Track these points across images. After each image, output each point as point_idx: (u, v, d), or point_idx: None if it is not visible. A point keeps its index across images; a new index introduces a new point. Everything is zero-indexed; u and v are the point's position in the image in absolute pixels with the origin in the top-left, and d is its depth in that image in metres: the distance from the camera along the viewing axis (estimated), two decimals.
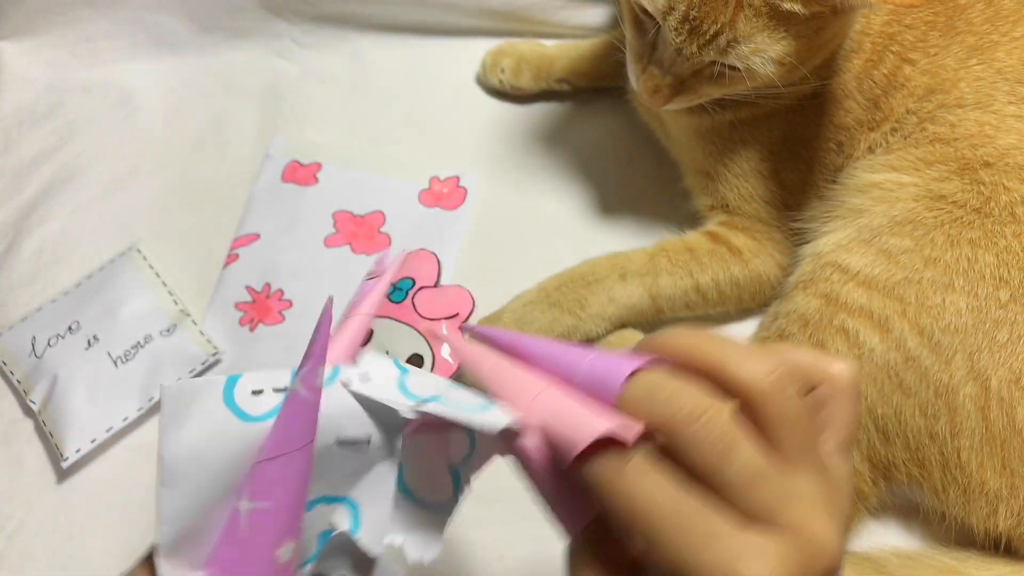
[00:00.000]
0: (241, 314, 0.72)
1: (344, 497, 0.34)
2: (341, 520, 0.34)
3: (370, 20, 0.88)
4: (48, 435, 0.66)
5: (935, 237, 0.59)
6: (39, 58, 0.85)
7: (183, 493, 0.31)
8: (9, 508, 0.65)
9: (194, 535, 0.32)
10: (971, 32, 0.64)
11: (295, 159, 0.81)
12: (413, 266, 0.74)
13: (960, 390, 0.57)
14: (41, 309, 0.72)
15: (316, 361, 0.31)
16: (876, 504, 0.61)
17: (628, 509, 0.29)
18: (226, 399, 0.32)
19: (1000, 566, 0.59)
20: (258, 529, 0.31)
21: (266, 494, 0.31)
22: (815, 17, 0.55)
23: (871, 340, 0.59)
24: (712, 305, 0.71)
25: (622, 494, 0.29)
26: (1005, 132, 0.61)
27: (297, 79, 0.87)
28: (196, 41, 0.87)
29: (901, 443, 0.59)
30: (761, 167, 0.69)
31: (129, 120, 0.84)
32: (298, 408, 0.31)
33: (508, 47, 0.85)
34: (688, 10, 0.56)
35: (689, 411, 0.28)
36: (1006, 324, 0.57)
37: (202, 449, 0.31)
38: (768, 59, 0.57)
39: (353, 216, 0.77)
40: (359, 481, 0.34)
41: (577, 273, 0.71)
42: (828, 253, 0.63)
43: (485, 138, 0.84)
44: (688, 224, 0.75)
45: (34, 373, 0.68)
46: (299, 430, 0.31)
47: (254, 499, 0.31)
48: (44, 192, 0.79)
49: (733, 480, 0.28)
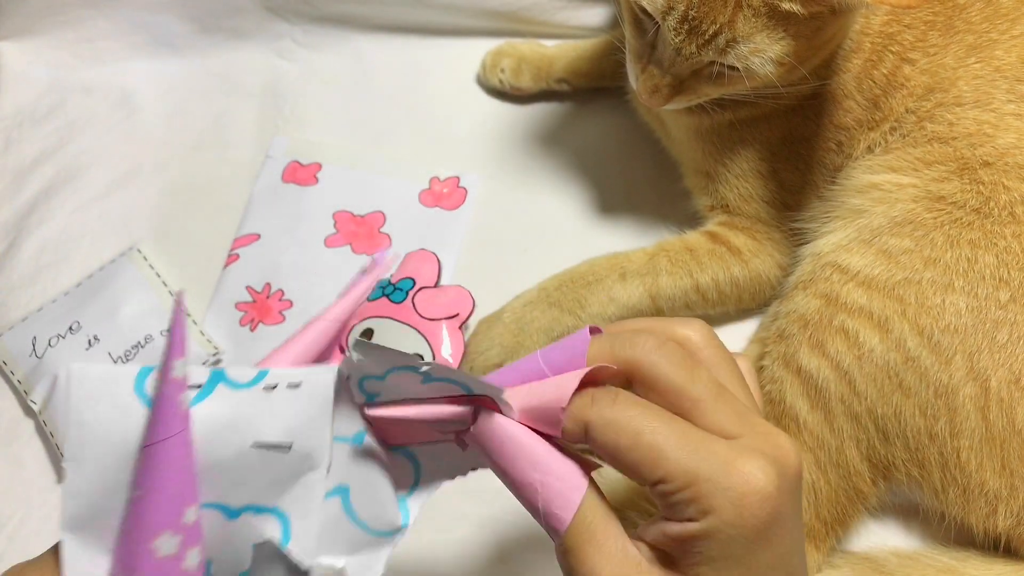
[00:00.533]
0: (242, 314, 0.72)
1: (272, 508, 0.34)
2: (271, 531, 0.34)
3: (370, 20, 0.88)
4: (49, 435, 0.66)
5: (935, 238, 0.59)
6: (39, 58, 0.85)
7: (88, 472, 0.32)
8: (9, 508, 0.65)
9: (100, 517, 0.32)
10: (970, 31, 0.64)
11: (295, 159, 0.81)
12: (413, 266, 0.74)
13: (960, 390, 0.57)
14: (42, 309, 0.72)
15: (172, 354, 0.31)
16: (876, 504, 0.61)
17: (629, 435, 0.31)
18: (137, 388, 0.32)
19: (999, 566, 0.59)
20: (136, 518, 0.31)
21: (140, 482, 0.31)
22: (814, 17, 0.55)
23: (871, 340, 0.59)
24: (712, 305, 0.71)
25: (620, 423, 0.31)
26: (1004, 131, 0.61)
27: (297, 79, 0.87)
28: (196, 41, 0.87)
29: (901, 443, 0.59)
30: (761, 167, 0.69)
31: (129, 120, 0.84)
32: (160, 400, 0.31)
33: (508, 47, 0.85)
34: (687, 10, 0.56)
35: (653, 344, 0.32)
36: (1006, 325, 0.57)
37: (108, 430, 0.31)
38: (767, 59, 0.57)
39: (353, 216, 0.77)
40: (287, 491, 0.34)
41: (577, 273, 0.71)
42: (828, 253, 0.63)
43: (485, 138, 0.84)
44: (688, 224, 0.75)
45: (34, 373, 0.68)
46: (164, 421, 0.31)
47: (133, 487, 0.31)
48: (45, 192, 0.79)
49: (702, 393, 0.32)
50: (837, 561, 0.62)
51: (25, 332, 0.70)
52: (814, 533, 0.61)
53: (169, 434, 0.31)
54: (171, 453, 0.31)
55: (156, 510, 0.30)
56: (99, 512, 0.32)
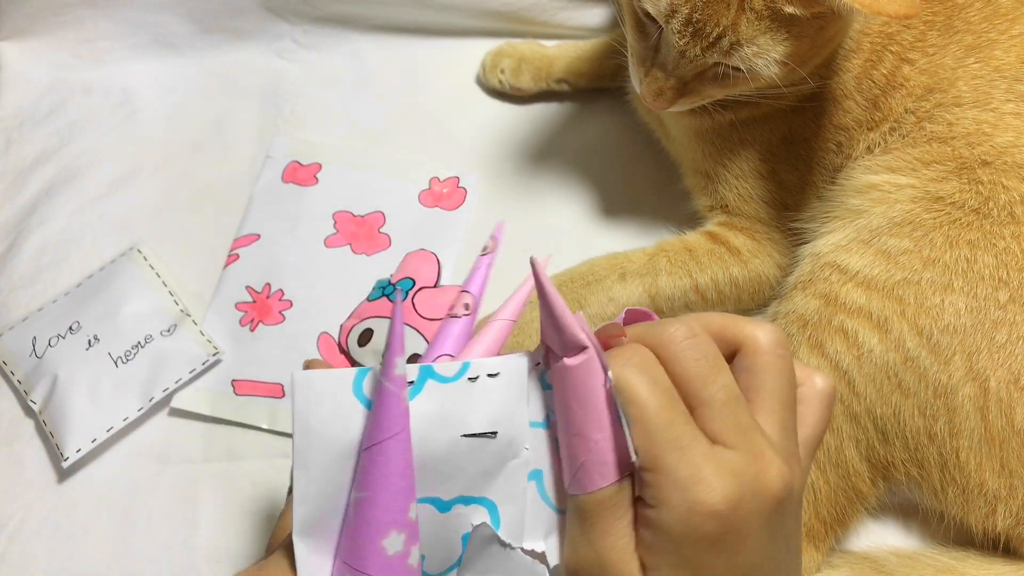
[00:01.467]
0: (242, 314, 0.72)
1: (481, 497, 0.35)
2: (481, 519, 0.35)
3: (370, 20, 0.88)
4: (49, 435, 0.66)
5: (934, 238, 0.59)
6: (40, 59, 0.85)
7: (314, 477, 0.32)
8: (9, 508, 0.65)
9: (326, 520, 0.33)
10: (969, 31, 0.64)
11: (295, 159, 0.81)
12: (413, 266, 0.74)
13: (959, 391, 0.57)
14: (42, 309, 0.72)
15: (393, 352, 0.32)
16: (875, 504, 0.61)
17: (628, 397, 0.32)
18: (355, 389, 0.33)
19: (999, 566, 0.59)
20: (363, 518, 0.32)
21: (366, 483, 0.32)
22: (816, 18, 0.56)
23: (870, 340, 0.59)
24: (711, 305, 0.71)
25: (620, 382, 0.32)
26: (1003, 130, 0.61)
27: (297, 79, 0.87)
28: (197, 42, 0.87)
29: (900, 443, 0.59)
30: (760, 167, 0.69)
31: (130, 121, 0.84)
32: (383, 398, 0.32)
33: (508, 48, 0.85)
34: (691, 13, 0.56)
35: (684, 333, 0.33)
36: (1005, 325, 0.57)
37: (331, 436, 0.32)
38: (771, 60, 0.57)
39: (353, 216, 0.77)
40: (493, 480, 0.35)
41: (577, 273, 0.71)
42: (827, 253, 0.63)
43: (485, 138, 0.84)
44: (688, 224, 0.75)
45: (35, 373, 0.68)
46: (387, 420, 0.31)
47: (359, 489, 0.32)
48: (45, 192, 0.79)
49: (713, 396, 0.32)
50: (836, 561, 0.62)
51: (25, 332, 0.70)
52: (813, 533, 0.61)
53: (392, 433, 0.31)
54: (395, 451, 0.31)
55: (384, 509, 0.31)
56: (324, 516, 0.33)
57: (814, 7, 0.54)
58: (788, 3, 0.54)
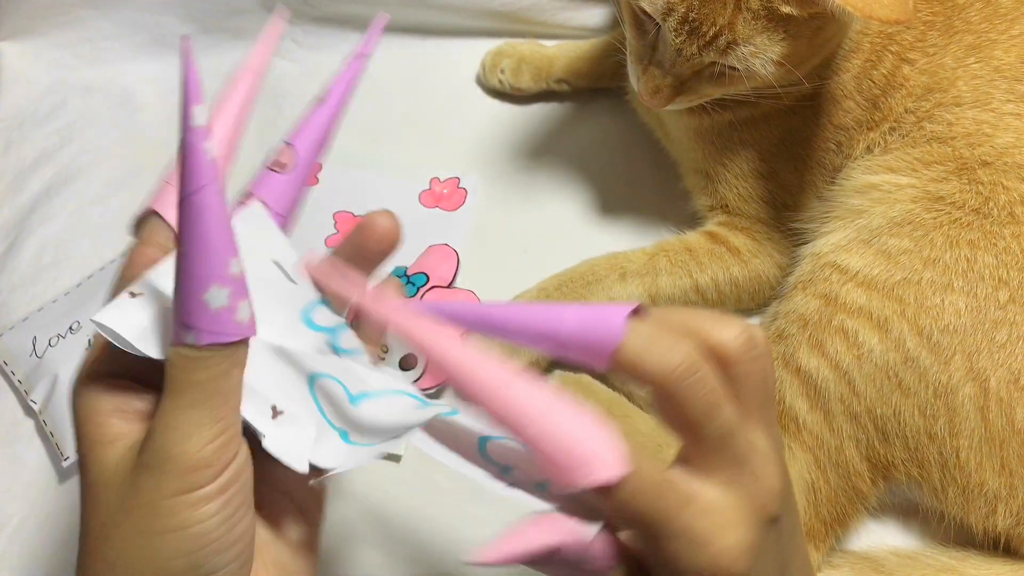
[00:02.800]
0: None
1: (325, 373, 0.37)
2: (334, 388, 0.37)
3: (370, 20, 0.87)
4: (49, 435, 0.66)
5: (934, 238, 0.60)
6: (40, 59, 0.85)
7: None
8: (9, 508, 0.65)
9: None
10: (969, 31, 0.64)
11: None
12: (432, 262, 0.74)
13: (959, 390, 0.57)
14: (42, 309, 0.72)
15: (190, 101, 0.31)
16: (875, 504, 0.61)
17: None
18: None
19: (999, 565, 0.59)
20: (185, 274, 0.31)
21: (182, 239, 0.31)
22: (813, 18, 0.56)
23: (870, 340, 0.59)
24: (711, 305, 0.71)
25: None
26: (1003, 130, 0.62)
27: (297, 79, 0.87)
28: (197, 42, 0.85)
29: (900, 443, 0.59)
30: (760, 167, 0.69)
31: (130, 121, 0.84)
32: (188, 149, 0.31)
33: (508, 48, 0.85)
34: (687, 12, 0.56)
35: (687, 366, 0.31)
36: (1005, 325, 0.57)
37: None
38: (768, 60, 0.57)
39: (354, 216, 0.77)
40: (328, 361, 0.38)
41: (577, 273, 0.71)
42: (827, 253, 0.63)
43: (485, 138, 0.84)
44: (688, 224, 0.75)
45: (35, 373, 0.68)
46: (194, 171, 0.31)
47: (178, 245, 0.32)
48: (45, 192, 0.79)
49: (713, 434, 0.32)
50: (837, 560, 0.62)
51: (25, 332, 0.70)
52: (814, 533, 0.61)
53: (199, 186, 0.31)
54: (204, 205, 0.31)
55: (201, 263, 0.31)
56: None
57: (810, 8, 0.54)
58: (784, 3, 0.55)
